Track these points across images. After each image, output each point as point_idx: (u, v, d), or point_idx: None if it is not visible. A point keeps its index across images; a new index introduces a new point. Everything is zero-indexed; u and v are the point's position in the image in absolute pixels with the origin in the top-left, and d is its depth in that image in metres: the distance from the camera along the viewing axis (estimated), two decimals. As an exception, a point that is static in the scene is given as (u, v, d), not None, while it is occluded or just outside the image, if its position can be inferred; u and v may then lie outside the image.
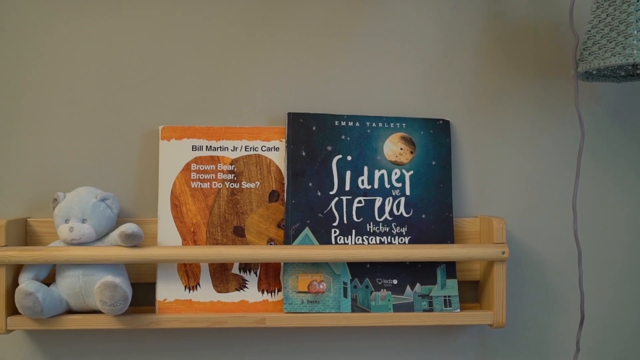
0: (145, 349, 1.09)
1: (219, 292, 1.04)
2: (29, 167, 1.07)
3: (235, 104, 1.09)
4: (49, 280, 1.02)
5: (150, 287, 1.06)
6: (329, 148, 1.07)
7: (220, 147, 1.06)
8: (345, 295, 1.04)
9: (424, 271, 1.06)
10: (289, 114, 1.06)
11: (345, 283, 1.04)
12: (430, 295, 1.05)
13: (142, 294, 1.06)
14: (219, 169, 1.06)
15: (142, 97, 1.08)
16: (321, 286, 1.04)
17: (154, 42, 1.08)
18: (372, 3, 1.09)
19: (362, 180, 1.07)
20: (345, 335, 1.10)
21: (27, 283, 0.98)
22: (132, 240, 0.99)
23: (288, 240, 1.04)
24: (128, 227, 0.98)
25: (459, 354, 1.11)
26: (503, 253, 1.02)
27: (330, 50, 1.09)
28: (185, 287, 1.04)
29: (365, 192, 1.07)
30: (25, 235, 1.06)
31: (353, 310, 1.03)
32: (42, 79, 1.07)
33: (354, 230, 1.06)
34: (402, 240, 1.06)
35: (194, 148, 1.06)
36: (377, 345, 1.10)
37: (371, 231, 1.06)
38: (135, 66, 1.08)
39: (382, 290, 1.05)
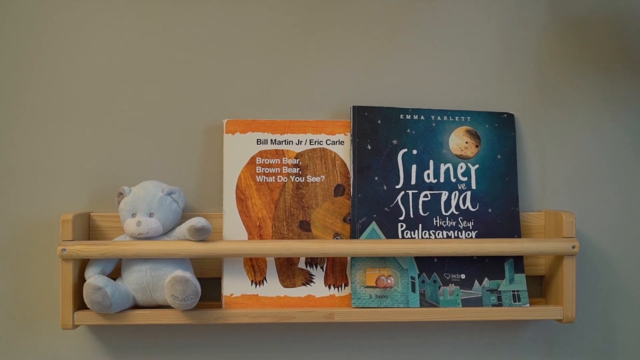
0: (210, 344, 1.07)
1: (285, 287, 1.03)
2: (92, 161, 1.06)
3: (299, 97, 1.08)
4: (113, 275, 1.01)
5: (214, 282, 1.04)
6: (395, 142, 1.06)
7: (285, 140, 1.05)
8: (413, 290, 1.03)
9: (491, 266, 1.05)
10: (353, 107, 1.05)
11: (413, 278, 1.03)
12: (499, 290, 1.04)
13: (205, 289, 1.05)
14: (283, 162, 1.05)
15: (205, 90, 1.07)
16: (389, 281, 1.03)
17: (217, 36, 1.07)
18: (435, -4, 1.09)
19: (428, 174, 1.06)
20: (411, 330, 1.09)
21: (95, 278, 0.97)
22: (201, 235, 0.97)
23: (355, 234, 1.03)
24: (198, 221, 0.97)
25: (525, 349, 1.10)
26: (573, 247, 1.01)
27: (394, 43, 1.08)
28: (252, 282, 1.03)
29: (431, 186, 1.06)
30: (88, 229, 1.05)
31: (421, 305, 1.02)
32: (105, 73, 1.06)
33: (420, 225, 1.05)
34: (468, 234, 1.05)
35: (258, 142, 1.05)
36: (443, 340, 1.09)
37: (438, 225, 1.05)
38: (199, 59, 1.07)
39: (450, 285, 1.03)
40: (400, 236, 1.04)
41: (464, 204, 1.06)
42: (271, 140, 1.05)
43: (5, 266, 1.06)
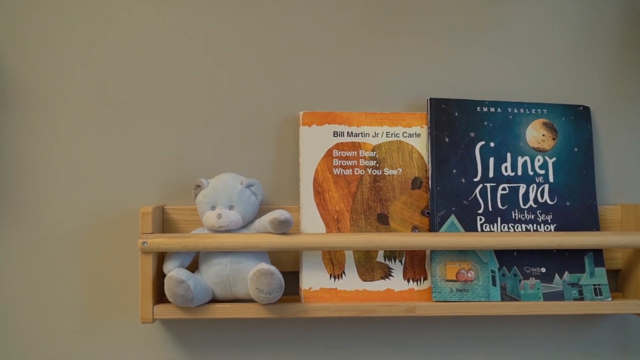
0: (287, 338, 1.06)
1: (364, 280, 1.02)
2: (165, 154, 1.05)
3: (374, 89, 1.07)
4: (189, 269, 1.00)
5: (290, 276, 1.03)
6: (472, 134, 1.05)
7: (362, 133, 1.04)
8: (494, 284, 1.01)
9: (571, 259, 1.03)
10: (430, 99, 1.04)
11: (493, 271, 1.02)
12: (580, 283, 1.03)
13: (280, 283, 1.04)
14: (360, 155, 1.04)
15: (280, 82, 1.06)
16: (469, 274, 1.02)
17: (292, 28, 1.06)
18: (510, -12, 1.08)
19: (506, 167, 1.05)
20: (490, 324, 1.08)
21: (177, 271, 0.96)
22: (284, 227, 0.96)
23: (434, 227, 1.02)
24: (281, 214, 0.96)
25: (602, 343, 1.09)
26: (656, 240, 1.00)
27: (471, 35, 1.08)
28: (331, 275, 1.02)
29: (509, 179, 1.05)
30: (162, 223, 1.03)
31: (503, 299, 1.01)
32: (180, 65, 1.05)
33: (499, 218, 1.03)
34: (547, 228, 1.04)
35: (335, 134, 1.04)
36: (523, 334, 1.08)
37: (516, 219, 1.04)
38: (275, 52, 1.06)
39: (530, 278, 1.02)
40: (479, 229, 1.03)
41: (542, 197, 1.05)
42: (348, 132, 1.04)
43: (83, 259, 1.05)
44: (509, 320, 1.08)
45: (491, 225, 1.03)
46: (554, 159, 1.06)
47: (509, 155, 1.05)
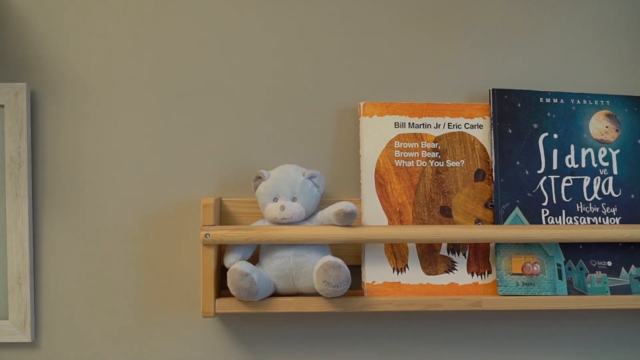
0: (349, 333, 1.04)
1: (427, 274, 1.00)
2: (222, 145, 1.03)
3: (435, 79, 1.05)
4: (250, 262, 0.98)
5: (350, 270, 1.01)
6: (535, 125, 1.03)
7: (423, 124, 1.02)
8: (560, 278, 1.00)
9: (637, 252, 1.02)
10: (492, 90, 1.03)
11: (559, 265, 1.00)
12: (647, 277, 1.01)
13: (339, 277, 1.02)
14: (422, 146, 1.02)
15: (338, 73, 1.04)
16: (535, 268, 1.00)
17: (352, 18, 1.04)
18: (571, -22, 1.06)
19: (569, 159, 1.03)
20: (556, 318, 1.06)
21: (240, 264, 0.94)
22: (349, 219, 0.94)
23: (498, 220, 1.00)
24: (347, 205, 0.94)
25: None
26: None
27: (533, 25, 1.06)
28: (393, 269, 1.00)
29: (572, 171, 1.03)
30: (220, 215, 1.01)
31: (569, 293, 0.99)
32: (239, 57, 1.03)
33: (563, 211, 1.02)
34: (612, 220, 1.02)
35: (396, 125, 1.02)
36: (588, 328, 1.06)
37: (581, 211, 1.02)
38: (333, 42, 1.04)
39: (596, 272, 1.00)
40: (543, 222, 1.01)
41: (607, 189, 1.03)
42: (409, 123, 1.02)
43: (139, 253, 1.02)
44: (574, 315, 1.06)
45: (556, 218, 1.01)
46: (618, 150, 1.04)
47: (572, 147, 1.03)
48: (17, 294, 1.00)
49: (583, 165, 1.03)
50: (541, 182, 1.02)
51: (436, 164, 1.02)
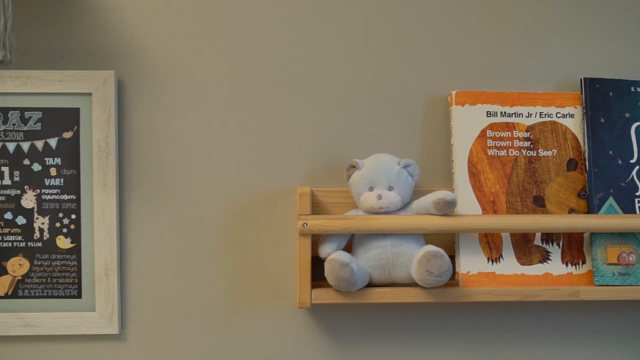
0: (444, 323, 1.02)
1: (522, 264, 0.99)
2: (311, 135, 1.02)
3: (525, 68, 1.03)
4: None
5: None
6: (627, 115, 1.02)
7: (515, 113, 1.01)
8: (655, 268, 0.99)
9: None
10: (584, 79, 1.01)
11: (654, 255, 0.99)
12: None
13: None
14: (514, 136, 1.01)
15: (428, 62, 1.03)
16: (630, 258, 0.99)
17: (443, 6, 1.03)
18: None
19: (661, 149, 1.02)
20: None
21: (339, 253, 0.92)
22: (449, 208, 0.93)
23: (593, 209, 0.99)
24: (447, 194, 0.93)
25: None
26: None
27: (622, 13, 1.05)
28: (488, 259, 0.99)
29: (664, 161, 1.02)
30: (310, 205, 1.00)
31: (665, 283, 0.99)
32: (326, 45, 1.02)
33: (656, 200, 1.01)
34: None
35: (488, 114, 1.01)
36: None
37: (674, 201, 1.01)
38: (423, 31, 1.03)
39: (692, 262, 1.00)
40: (637, 212, 1.00)
41: (699, 179, 1.02)
42: (501, 112, 1.01)
43: (229, 242, 1.01)
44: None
45: (649, 208, 1.01)
46: None
47: (664, 136, 1.02)
48: (105, 286, 0.99)
49: (675, 154, 1.02)
50: (634, 172, 1.01)
51: (528, 153, 1.01)
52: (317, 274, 0.96)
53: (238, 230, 1.01)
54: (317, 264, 0.95)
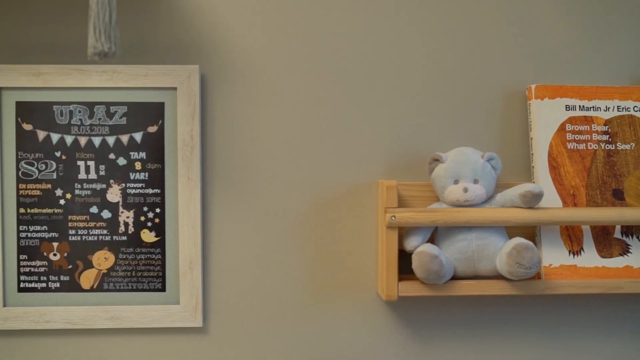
0: (523, 315, 1.03)
1: (602, 257, 1.00)
2: (389, 129, 1.02)
3: (601, 61, 1.04)
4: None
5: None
6: (703, 108, 1.03)
7: (593, 107, 1.02)
8: None
9: None
10: (661, 73, 1.03)
11: None
12: None
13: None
14: (593, 129, 1.02)
15: (505, 56, 1.03)
16: None
17: (519, 0, 1.04)
18: None
19: None
20: None
21: (428, 246, 0.93)
22: (536, 201, 0.94)
23: (672, 203, 1.00)
24: (534, 187, 0.93)
25: None
26: None
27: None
28: (569, 252, 0.99)
29: None
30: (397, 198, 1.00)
31: None
32: (403, 38, 1.02)
33: None
34: None
35: (567, 108, 1.02)
36: None
37: None
38: (500, 25, 1.03)
39: None
40: None
41: None
42: (579, 106, 1.02)
43: (312, 236, 1.02)
44: None
45: None
46: None
47: None
48: (189, 279, 0.99)
49: None
50: None
51: (607, 146, 1.02)
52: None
53: (318, 223, 1.02)
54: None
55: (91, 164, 0.99)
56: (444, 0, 1.03)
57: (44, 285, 0.99)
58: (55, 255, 0.99)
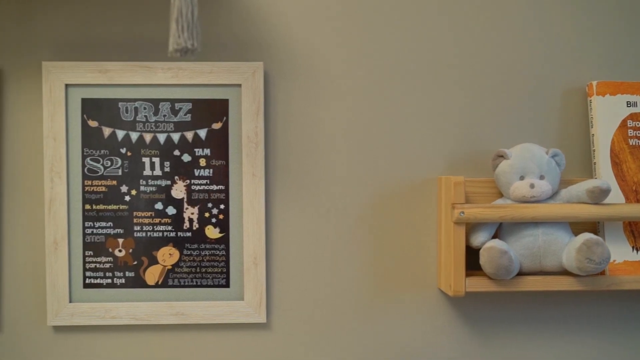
0: (589, 312, 1.04)
1: (665, 253, 1.01)
2: (448, 125, 1.03)
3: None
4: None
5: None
6: None
7: (654, 103, 1.03)
8: None
9: None
10: None
11: None
12: None
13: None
14: (654, 126, 1.02)
15: (565, 53, 1.04)
16: None
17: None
18: None
19: None
20: None
21: (497, 242, 0.94)
22: (604, 196, 0.94)
23: None
24: (602, 182, 0.94)
25: None
26: None
27: None
28: (632, 247, 1.00)
29: None
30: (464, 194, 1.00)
31: None
32: (463, 34, 1.03)
33: None
34: None
35: (628, 104, 1.02)
36: None
37: None
38: (561, 22, 1.04)
39: None
40: None
41: None
42: (640, 102, 1.03)
43: (373, 231, 1.02)
44: None
45: None
46: None
47: None
48: (253, 275, 1.00)
49: None
50: None
51: (668, 143, 1.02)
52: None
53: (379, 219, 1.02)
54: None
55: (156, 160, 1.00)
56: (506, -3, 1.04)
57: (109, 281, 1.00)
58: (120, 251, 0.99)
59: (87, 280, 1.00)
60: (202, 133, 1.00)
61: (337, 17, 1.02)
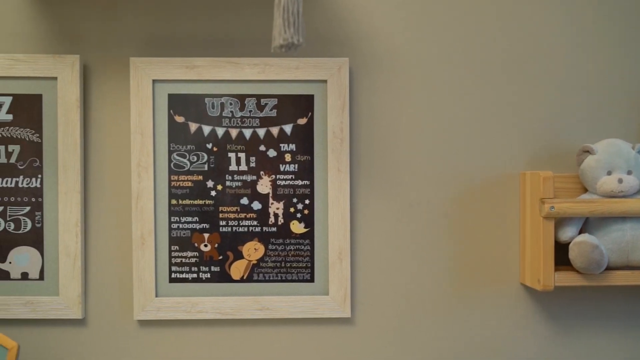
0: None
1: None
2: (530, 121, 1.03)
3: None
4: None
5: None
6: None
7: None
8: None
9: None
10: None
11: None
12: None
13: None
14: None
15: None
16: None
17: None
18: None
19: None
20: None
21: (588, 236, 0.94)
22: None
23: None
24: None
25: None
26: None
27: None
28: None
29: None
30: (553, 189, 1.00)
31: None
32: (546, 33, 1.03)
33: None
34: None
35: None
36: None
37: None
38: (633, 19, 1.04)
39: None
40: None
41: None
42: None
43: (456, 226, 1.03)
44: None
45: None
46: None
47: None
48: (338, 270, 1.00)
49: None
50: None
51: None
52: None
53: (461, 214, 1.03)
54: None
55: (242, 155, 1.00)
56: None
57: (194, 275, 1.00)
58: (206, 246, 1.00)
59: (173, 275, 1.00)
60: (288, 128, 1.00)
61: (420, 14, 1.02)
